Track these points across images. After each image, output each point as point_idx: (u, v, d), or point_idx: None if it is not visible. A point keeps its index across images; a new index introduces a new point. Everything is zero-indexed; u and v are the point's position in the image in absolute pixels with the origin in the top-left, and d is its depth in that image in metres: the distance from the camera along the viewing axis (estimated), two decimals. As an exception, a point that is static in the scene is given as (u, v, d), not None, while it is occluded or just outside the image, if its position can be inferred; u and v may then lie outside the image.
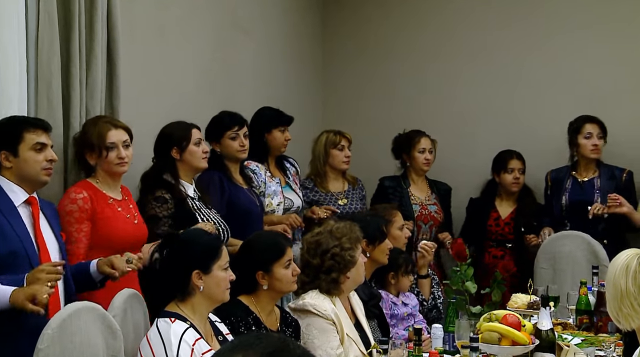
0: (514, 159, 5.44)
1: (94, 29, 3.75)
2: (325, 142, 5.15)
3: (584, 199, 5.18)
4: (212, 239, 3.27)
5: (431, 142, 5.43)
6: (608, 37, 5.62)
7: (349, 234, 3.65)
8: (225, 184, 4.36)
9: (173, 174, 4.01)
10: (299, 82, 6.00)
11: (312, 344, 3.48)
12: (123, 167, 3.65)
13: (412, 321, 4.30)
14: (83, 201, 3.49)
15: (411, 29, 6.07)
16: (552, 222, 5.29)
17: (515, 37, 5.82)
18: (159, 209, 3.89)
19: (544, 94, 5.74)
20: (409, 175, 5.46)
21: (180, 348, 2.92)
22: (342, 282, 3.62)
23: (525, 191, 5.50)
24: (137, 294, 3.35)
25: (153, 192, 3.92)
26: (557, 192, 5.32)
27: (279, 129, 4.79)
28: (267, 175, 4.73)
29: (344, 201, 5.11)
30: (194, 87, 4.82)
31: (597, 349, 3.70)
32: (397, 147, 5.51)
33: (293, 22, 5.97)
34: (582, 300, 4.20)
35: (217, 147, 4.43)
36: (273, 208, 4.68)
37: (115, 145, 3.60)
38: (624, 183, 5.21)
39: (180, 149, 4.03)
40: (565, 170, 5.36)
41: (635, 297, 2.83)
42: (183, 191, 4.01)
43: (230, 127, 4.40)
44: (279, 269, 3.45)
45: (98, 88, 3.79)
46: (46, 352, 2.77)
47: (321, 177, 5.15)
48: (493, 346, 3.35)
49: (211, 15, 5.03)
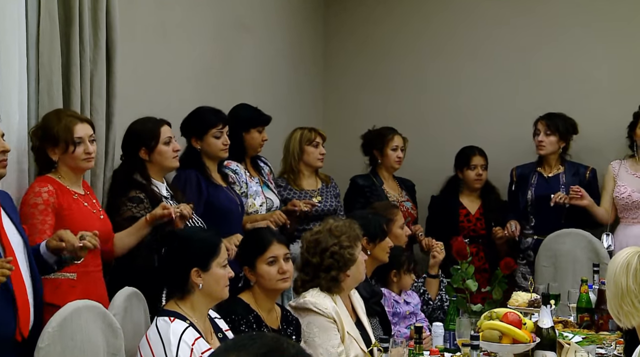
0: (477, 155, 5.45)
1: (93, 28, 3.75)
2: (300, 139, 4.99)
3: (549, 193, 5.25)
4: (210, 236, 3.26)
5: (402, 140, 5.36)
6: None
7: (348, 232, 3.65)
8: (202, 183, 4.19)
9: (143, 174, 3.84)
10: (300, 81, 6.00)
11: (313, 343, 3.48)
12: (90, 162, 3.50)
13: (414, 319, 4.30)
14: (48, 193, 3.35)
15: (412, 28, 6.07)
16: (517, 218, 5.34)
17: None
18: (136, 210, 3.72)
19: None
20: (380, 172, 5.37)
21: (180, 348, 2.92)
22: (342, 280, 3.62)
23: (488, 188, 5.52)
24: (137, 293, 3.35)
25: (126, 192, 3.76)
26: (523, 188, 5.39)
27: (258, 129, 4.65)
28: (247, 175, 4.61)
29: (318, 198, 4.96)
30: (195, 85, 4.82)
31: (598, 347, 3.70)
32: (368, 143, 5.40)
33: (294, 20, 5.97)
34: (583, 298, 4.20)
35: (197, 144, 4.25)
36: (256, 209, 4.57)
37: (82, 140, 3.44)
38: (587, 180, 5.34)
39: (148, 149, 3.86)
40: (531, 166, 5.45)
41: (636, 295, 2.83)
42: (156, 190, 3.84)
43: (215, 124, 4.23)
44: (262, 265, 3.46)
45: (96, 86, 3.78)
46: (47, 350, 2.77)
47: (294, 175, 4.99)
48: (494, 344, 3.35)
49: (212, 13, 5.03)
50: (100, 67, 3.82)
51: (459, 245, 4.25)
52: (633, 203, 5.15)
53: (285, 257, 3.50)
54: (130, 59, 4.20)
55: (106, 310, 3.04)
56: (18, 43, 3.49)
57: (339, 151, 5.54)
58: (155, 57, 4.51)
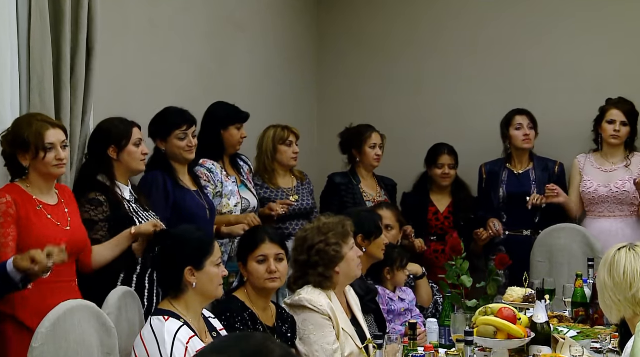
0: (445, 154, 5.42)
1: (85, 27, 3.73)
2: (273, 138, 4.86)
3: (522, 191, 5.29)
4: (204, 235, 3.26)
5: (381, 138, 5.29)
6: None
7: (336, 229, 3.63)
8: (169, 186, 4.05)
9: (109, 174, 3.72)
10: (293, 79, 5.99)
11: (309, 340, 3.49)
12: (61, 169, 3.36)
13: (409, 316, 4.30)
14: (7, 205, 3.19)
15: (405, 25, 6.07)
16: (487, 216, 5.33)
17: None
18: (94, 213, 3.60)
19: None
20: (358, 171, 5.29)
21: (174, 347, 2.92)
22: (332, 276, 3.61)
23: (459, 185, 5.51)
24: (132, 292, 3.36)
25: (86, 194, 3.63)
26: (494, 185, 5.39)
27: (236, 126, 4.55)
28: (224, 174, 4.50)
29: (295, 197, 4.86)
30: (188, 84, 4.81)
31: (593, 341, 3.71)
32: (346, 141, 5.32)
33: (288, 18, 5.97)
34: (578, 293, 4.21)
35: (162, 146, 4.12)
36: (230, 209, 4.46)
37: (54, 146, 3.30)
38: (557, 175, 5.37)
39: (118, 148, 3.74)
40: (500, 163, 5.45)
41: (612, 289, 2.83)
42: (119, 193, 3.72)
43: (179, 126, 4.08)
44: (252, 263, 3.47)
45: (81, 86, 3.73)
46: (40, 350, 2.77)
47: (269, 174, 4.87)
48: (489, 339, 3.35)
49: (205, 10, 5.03)
50: (92, 66, 3.79)
51: (454, 241, 4.25)
52: (600, 197, 5.17)
53: (277, 257, 3.50)
54: (121, 57, 4.19)
55: (100, 309, 3.04)
56: (10, 42, 3.48)
57: (333, 149, 5.52)
58: (147, 55, 4.50)
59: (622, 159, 5.22)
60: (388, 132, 5.47)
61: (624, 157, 5.22)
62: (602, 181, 5.17)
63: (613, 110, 5.18)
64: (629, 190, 5.08)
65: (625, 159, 5.21)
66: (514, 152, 5.41)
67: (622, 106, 5.18)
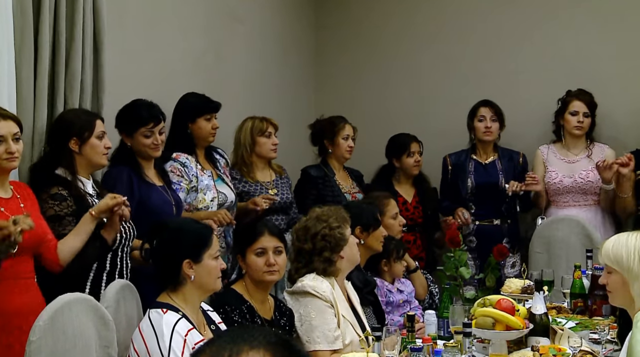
0: (414, 142, 5.41)
1: (75, 20, 3.70)
2: (251, 129, 4.71)
3: (490, 181, 5.32)
4: (202, 227, 3.25)
5: (353, 129, 5.19)
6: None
7: (335, 215, 3.69)
8: (134, 181, 3.90)
9: (69, 167, 3.54)
10: (291, 72, 5.98)
11: (310, 325, 3.50)
12: (13, 162, 3.20)
13: (408, 307, 4.31)
14: None
15: (402, 18, 6.06)
16: (452, 206, 5.34)
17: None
18: (59, 208, 3.45)
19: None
20: (331, 163, 5.19)
21: (173, 339, 2.92)
22: (337, 260, 3.64)
23: (420, 176, 5.50)
24: (129, 285, 3.35)
25: (47, 189, 3.47)
26: (462, 175, 5.39)
27: (205, 117, 4.37)
28: (198, 168, 4.34)
29: (274, 190, 4.75)
30: (186, 76, 4.79)
31: (591, 332, 3.71)
32: (318, 133, 5.21)
33: (285, 11, 5.96)
34: (577, 284, 4.21)
35: (128, 141, 3.97)
36: (207, 204, 4.31)
37: (4, 139, 3.15)
38: (521, 165, 5.41)
39: (80, 140, 3.56)
40: (465, 153, 5.46)
41: None
42: (81, 188, 3.56)
43: (145, 123, 3.92)
44: (251, 255, 3.48)
45: (78, 79, 3.72)
46: (38, 344, 2.76)
47: (248, 167, 4.72)
48: (487, 331, 3.35)
49: (203, 3, 5.02)
50: (87, 59, 3.78)
51: (452, 233, 4.25)
52: (564, 188, 5.22)
53: (276, 250, 3.51)
54: (119, 50, 4.18)
55: (97, 302, 3.03)
56: (7, 38, 3.47)
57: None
58: (145, 47, 4.49)
59: (583, 149, 5.29)
60: (385, 123, 5.46)
61: (585, 147, 5.29)
62: (567, 172, 5.23)
63: (575, 102, 5.24)
64: (593, 180, 5.16)
65: (586, 149, 5.28)
66: (477, 143, 5.43)
67: (583, 97, 5.25)
